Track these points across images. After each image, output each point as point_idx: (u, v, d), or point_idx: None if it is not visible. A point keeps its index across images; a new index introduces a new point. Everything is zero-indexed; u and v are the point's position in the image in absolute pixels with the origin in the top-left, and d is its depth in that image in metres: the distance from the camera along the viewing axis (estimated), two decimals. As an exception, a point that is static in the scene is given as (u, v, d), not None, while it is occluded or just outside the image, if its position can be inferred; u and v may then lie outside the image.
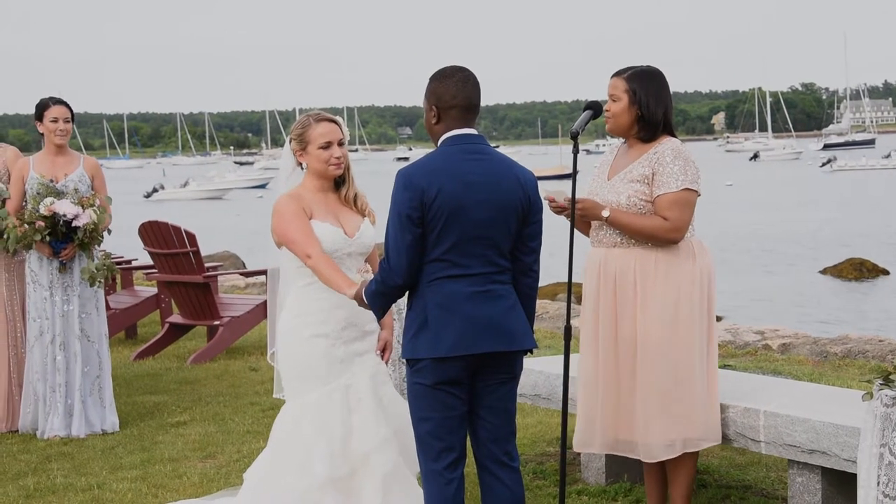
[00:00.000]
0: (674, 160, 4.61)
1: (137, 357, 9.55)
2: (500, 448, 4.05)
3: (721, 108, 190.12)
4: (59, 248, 6.87)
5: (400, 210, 3.86)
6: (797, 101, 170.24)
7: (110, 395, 7.08)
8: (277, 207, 4.49)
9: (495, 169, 3.94)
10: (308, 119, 4.54)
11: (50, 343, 6.91)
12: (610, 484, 5.45)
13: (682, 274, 4.62)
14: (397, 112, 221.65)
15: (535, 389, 5.62)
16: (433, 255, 3.88)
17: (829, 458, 4.43)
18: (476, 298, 3.90)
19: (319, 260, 4.36)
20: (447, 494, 3.96)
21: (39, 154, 7.09)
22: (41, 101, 7.02)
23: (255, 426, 6.99)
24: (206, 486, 5.70)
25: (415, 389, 3.98)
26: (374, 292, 4.00)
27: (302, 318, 4.47)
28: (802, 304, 18.33)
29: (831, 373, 8.00)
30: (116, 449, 6.59)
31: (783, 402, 4.79)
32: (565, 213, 4.63)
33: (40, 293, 6.92)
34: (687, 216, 4.60)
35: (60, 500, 5.62)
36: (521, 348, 3.99)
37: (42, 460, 6.39)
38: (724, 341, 9.37)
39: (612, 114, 4.69)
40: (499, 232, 3.92)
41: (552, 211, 4.55)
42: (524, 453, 5.96)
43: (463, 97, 3.96)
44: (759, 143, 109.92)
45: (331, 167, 4.51)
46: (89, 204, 6.86)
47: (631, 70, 4.70)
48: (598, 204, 4.64)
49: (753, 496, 5.28)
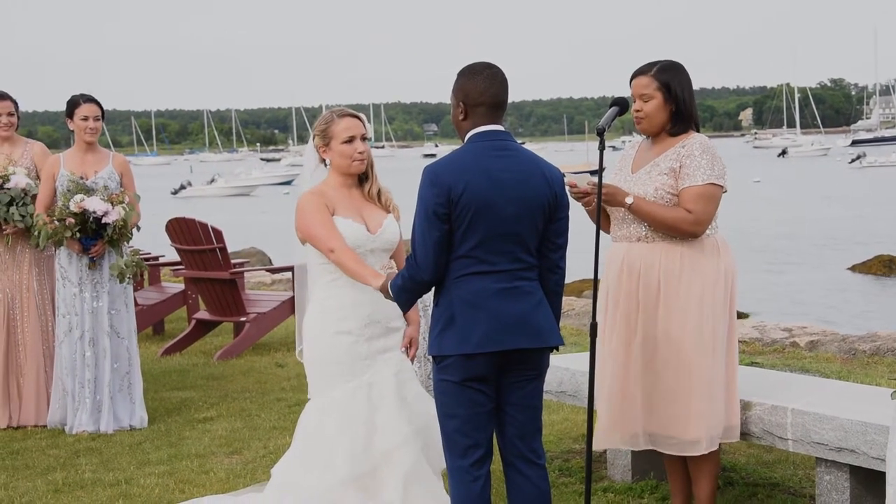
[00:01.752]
0: (702, 154, 4.58)
1: (164, 353, 9.60)
2: (526, 445, 4.04)
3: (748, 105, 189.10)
4: (88, 244, 6.92)
5: (427, 206, 3.86)
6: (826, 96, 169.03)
7: (140, 391, 7.13)
8: (300, 204, 4.51)
9: (522, 165, 3.94)
10: (331, 115, 4.56)
11: (79, 339, 6.96)
12: (636, 481, 5.43)
13: (707, 271, 4.60)
14: (423, 109, 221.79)
15: (560, 386, 5.61)
16: (460, 252, 3.88)
17: (858, 457, 4.40)
18: (503, 295, 3.89)
19: (342, 253, 4.37)
20: (473, 491, 3.96)
21: (70, 151, 7.15)
22: (72, 98, 7.09)
23: (281, 422, 7.01)
24: (232, 482, 5.72)
25: (441, 386, 3.98)
26: (399, 287, 4.01)
27: (325, 315, 4.49)
28: (831, 302, 18.20)
29: (859, 370, 7.95)
30: (144, 444, 6.63)
31: (811, 399, 4.76)
32: (586, 200, 4.61)
33: (70, 289, 6.97)
34: (711, 210, 4.58)
35: (88, 494, 5.66)
36: (548, 345, 3.99)
37: (70, 455, 6.44)
38: (752, 338, 9.32)
39: (646, 113, 4.62)
40: (525, 228, 3.91)
41: (573, 197, 4.50)
42: (550, 450, 5.95)
43: (490, 94, 3.95)
44: (787, 139, 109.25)
45: (354, 162, 4.51)
46: (118, 201, 6.91)
47: (656, 65, 4.66)
48: (620, 190, 4.61)
49: (780, 494, 5.25)
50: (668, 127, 4.66)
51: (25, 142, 7.42)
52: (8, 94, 7.36)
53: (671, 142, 4.66)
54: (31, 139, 7.55)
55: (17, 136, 7.40)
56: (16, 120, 7.34)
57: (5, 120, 7.27)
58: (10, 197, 7.08)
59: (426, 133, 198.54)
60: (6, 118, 7.27)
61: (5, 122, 7.26)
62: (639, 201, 4.58)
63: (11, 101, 7.34)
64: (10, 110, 7.30)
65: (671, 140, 4.66)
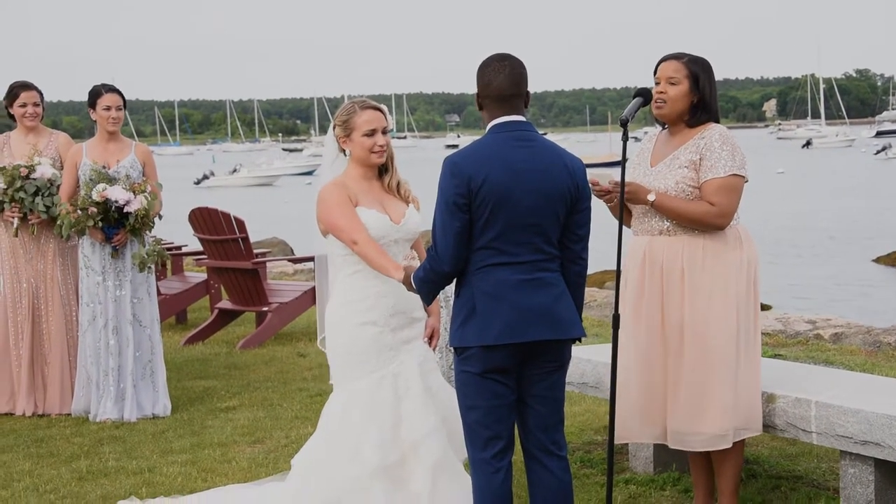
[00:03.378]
0: (722, 146, 4.56)
1: (187, 342, 9.64)
2: (547, 437, 4.03)
3: (773, 95, 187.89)
4: (111, 233, 6.95)
5: (447, 197, 3.85)
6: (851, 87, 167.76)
7: (163, 379, 7.16)
8: (322, 195, 4.50)
9: (543, 156, 3.92)
10: (353, 106, 4.54)
11: (102, 328, 6.99)
12: (658, 473, 5.42)
13: (730, 262, 4.58)
14: (445, 99, 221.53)
15: (582, 378, 5.59)
16: (481, 243, 3.87)
17: (883, 450, 4.37)
18: (524, 286, 3.88)
19: (366, 245, 4.37)
20: (495, 483, 3.96)
21: (92, 141, 7.18)
22: (94, 88, 7.11)
23: (303, 412, 7.03)
24: (254, 472, 5.74)
25: (463, 378, 3.97)
26: (421, 279, 4.00)
27: (350, 307, 4.48)
28: (855, 294, 18.08)
29: (884, 363, 7.89)
30: (167, 433, 6.66)
31: (835, 392, 4.73)
32: (608, 197, 4.59)
33: (93, 278, 7.01)
34: (734, 202, 4.56)
35: (112, 482, 5.69)
36: (570, 337, 3.97)
37: (94, 443, 6.48)
38: (775, 331, 9.26)
39: (670, 97, 4.61)
40: (546, 219, 3.89)
41: (595, 195, 4.50)
42: (572, 442, 5.94)
43: (496, 86, 3.94)
44: (811, 130, 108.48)
45: (374, 155, 4.50)
46: (140, 190, 6.93)
47: (687, 56, 4.67)
48: (642, 188, 4.60)
49: (804, 487, 5.22)
50: (687, 118, 4.64)
51: (50, 132, 7.46)
52: (33, 84, 7.40)
53: (689, 133, 4.64)
54: (55, 130, 7.59)
55: (42, 126, 7.44)
56: (41, 110, 7.37)
57: (31, 110, 7.30)
58: (36, 187, 7.12)
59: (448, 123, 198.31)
60: (31, 108, 7.30)
61: (31, 112, 7.30)
62: (661, 198, 4.56)
63: (37, 91, 7.37)
64: (36, 100, 7.34)
65: (690, 132, 4.65)
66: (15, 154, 7.27)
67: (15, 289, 7.23)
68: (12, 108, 7.34)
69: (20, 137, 7.35)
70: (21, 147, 7.28)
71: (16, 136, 7.38)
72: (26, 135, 7.34)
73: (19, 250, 7.25)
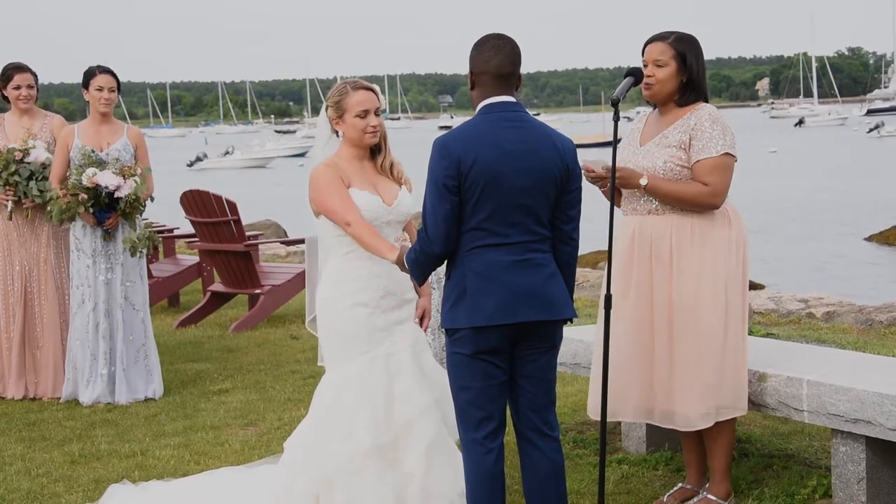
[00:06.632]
0: (712, 125, 4.56)
1: (180, 325, 9.63)
2: (539, 417, 4.03)
3: (765, 74, 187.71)
4: (102, 217, 6.93)
5: (437, 179, 3.84)
6: (844, 65, 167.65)
7: (156, 362, 7.15)
8: (314, 176, 4.48)
9: (533, 136, 3.91)
10: (345, 86, 4.52)
11: (92, 310, 6.97)
12: (651, 453, 5.43)
13: (719, 240, 4.58)
14: (438, 80, 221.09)
15: (574, 358, 5.59)
16: (471, 224, 3.86)
17: (874, 428, 4.38)
18: (515, 267, 3.87)
19: (359, 226, 4.35)
20: (487, 464, 3.96)
21: (84, 122, 7.15)
22: (88, 69, 7.08)
23: (296, 394, 7.03)
24: (247, 454, 5.74)
25: (454, 359, 3.97)
26: (413, 261, 3.99)
27: (341, 288, 4.47)
28: (847, 272, 18.11)
29: (876, 341, 7.91)
30: (159, 416, 6.65)
31: (827, 370, 4.73)
32: (601, 183, 4.60)
33: (84, 261, 6.99)
34: (727, 181, 4.56)
35: (105, 466, 5.69)
36: (561, 317, 3.97)
37: (86, 427, 6.47)
38: (768, 309, 9.28)
39: (658, 80, 4.61)
40: (537, 200, 3.88)
41: (589, 181, 4.52)
42: (564, 422, 5.94)
43: (493, 64, 3.92)
44: (804, 108, 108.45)
45: (367, 135, 4.48)
46: (130, 174, 6.91)
47: (673, 35, 4.64)
48: (635, 172, 4.60)
49: (796, 465, 5.23)
50: (676, 97, 4.63)
51: (45, 115, 7.43)
52: (27, 66, 7.36)
53: (679, 113, 4.63)
54: (49, 112, 7.55)
55: (36, 108, 7.41)
56: (35, 93, 7.34)
57: (25, 92, 7.26)
58: (30, 171, 7.10)
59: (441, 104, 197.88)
60: (26, 90, 7.26)
61: (25, 95, 7.26)
62: (654, 181, 4.56)
63: (31, 73, 7.33)
64: (30, 83, 7.29)
65: (679, 111, 4.64)
66: (9, 136, 7.25)
67: (7, 271, 7.21)
68: (6, 90, 7.30)
69: (14, 119, 7.32)
70: (15, 129, 7.26)
71: (9, 118, 7.36)
72: (20, 117, 7.31)
73: (13, 233, 7.23)
